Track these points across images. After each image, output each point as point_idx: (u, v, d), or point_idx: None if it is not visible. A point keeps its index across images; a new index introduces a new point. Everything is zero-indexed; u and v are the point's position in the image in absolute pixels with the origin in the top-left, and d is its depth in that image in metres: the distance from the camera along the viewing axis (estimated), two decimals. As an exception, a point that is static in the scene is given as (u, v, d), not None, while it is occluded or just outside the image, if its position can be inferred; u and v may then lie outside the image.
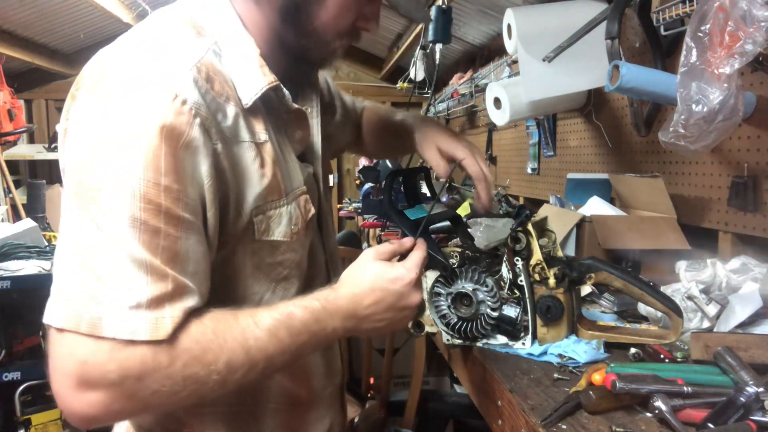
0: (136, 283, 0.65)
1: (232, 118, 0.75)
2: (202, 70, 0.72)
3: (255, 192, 0.77)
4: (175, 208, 0.67)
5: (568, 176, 1.99)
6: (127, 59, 0.72)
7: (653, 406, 0.74)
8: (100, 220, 0.65)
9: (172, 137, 0.67)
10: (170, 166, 0.66)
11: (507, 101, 1.97)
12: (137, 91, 0.68)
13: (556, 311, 1.01)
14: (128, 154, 0.65)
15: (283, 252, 0.83)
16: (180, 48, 0.73)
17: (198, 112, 0.69)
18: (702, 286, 1.08)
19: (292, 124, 0.86)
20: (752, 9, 0.91)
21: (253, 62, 0.77)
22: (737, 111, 0.99)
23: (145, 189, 0.65)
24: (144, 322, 0.64)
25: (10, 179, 3.99)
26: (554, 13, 1.84)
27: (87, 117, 0.69)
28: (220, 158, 0.72)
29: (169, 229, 0.67)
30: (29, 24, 3.94)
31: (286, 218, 0.81)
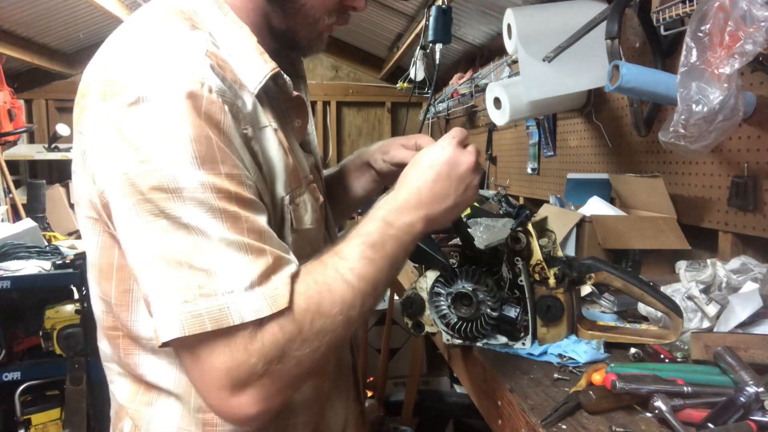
0: (242, 265, 0.64)
1: (251, 104, 0.74)
2: (213, 58, 0.70)
3: (284, 179, 0.77)
4: (243, 192, 0.67)
5: (568, 176, 1.99)
6: (137, 58, 0.68)
7: (653, 406, 0.74)
8: (183, 219, 0.63)
9: (214, 124, 0.65)
10: (223, 153, 0.65)
11: (507, 101, 1.97)
12: (164, 87, 0.65)
13: (556, 311, 1.01)
14: (180, 156, 0.63)
15: (310, 242, 0.82)
16: (184, 40, 0.70)
17: (224, 99, 0.68)
18: (702, 286, 1.08)
19: (292, 113, 0.84)
20: (752, 9, 0.91)
21: (252, 50, 0.75)
22: (737, 111, 0.99)
23: (212, 180, 0.64)
24: (262, 298, 0.64)
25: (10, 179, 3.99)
26: (554, 13, 1.84)
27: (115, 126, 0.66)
28: (251, 143, 0.72)
29: (247, 212, 0.66)
30: (29, 24, 3.94)
31: (309, 204, 0.81)
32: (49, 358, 2.36)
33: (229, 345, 0.63)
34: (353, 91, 5.17)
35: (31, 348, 2.49)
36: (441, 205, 0.79)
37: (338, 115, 5.21)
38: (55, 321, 2.35)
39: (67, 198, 4.40)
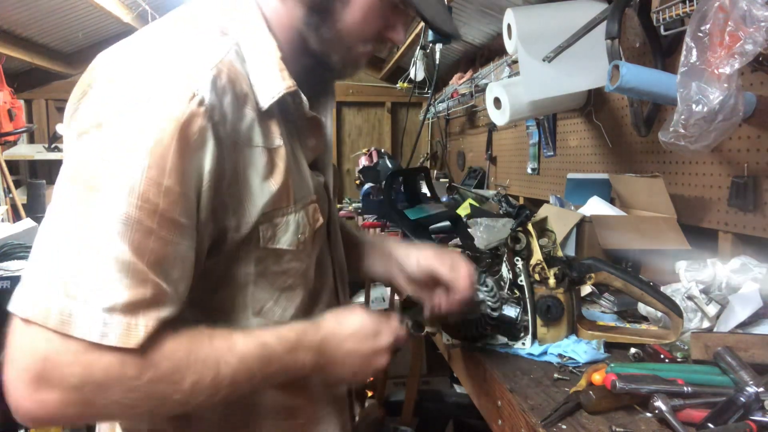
0: (115, 285, 0.62)
1: (249, 121, 0.73)
2: (223, 71, 0.70)
3: (262, 199, 0.75)
4: (172, 210, 0.65)
5: (568, 176, 1.99)
6: (149, 53, 0.70)
7: (653, 406, 0.74)
8: (92, 212, 0.62)
9: (184, 137, 0.65)
10: (176, 166, 0.64)
11: (507, 101, 1.97)
12: (155, 85, 0.66)
13: (556, 311, 1.01)
14: (134, 149, 0.63)
15: (288, 261, 0.81)
16: (202, 46, 0.71)
17: (212, 115, 0.67)
18: (702, 286, 1.08)
19: (306, 131, 0.84)
20: (752, 9, 0.91)
21: (273, 65, 0.76)
22: (737, 111, 0.99)
23: (145, 187, 0.63)
24: (116, 326, 0.61)
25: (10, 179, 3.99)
26: (554, 13, 1.84)
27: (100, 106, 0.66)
28: (225, 162, 0.70)
29: (162, 232, 0.64)
30: (29, 24, 3.94)
31: (293, 226, 0.80)
32: (49, 358, 2.36)
33: (64, 342, 0.61)
34: (353, 91, 5.17)
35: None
36: (339, 369, 0.81)
37: (338, 115, 5.21)
38: (55, 321, 2.35)
39: (67, 198, 4.39)
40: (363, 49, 0.82)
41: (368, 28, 0.80)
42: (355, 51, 0.82)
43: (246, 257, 0.77)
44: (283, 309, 0.82)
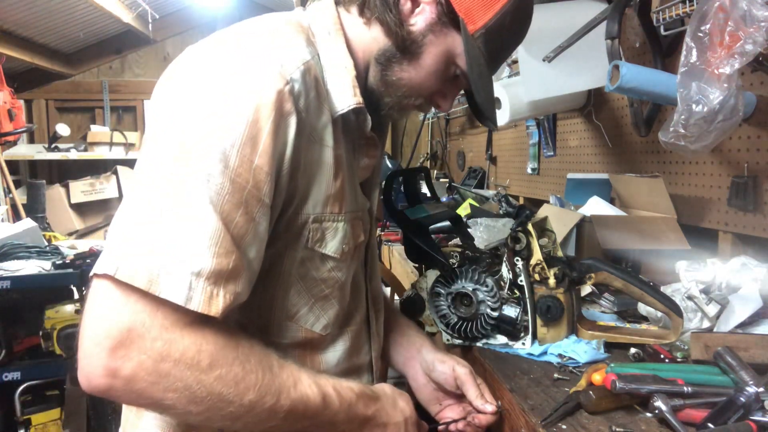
0: (203, 251, 0.63)
1: (324, 121, 0.77)
2: (310, 69, 0.73)
3: (321, 197, 0.78)
4: (259, 189, 0.68)
5: (568, 176, 1.99)
6: (248, 35, 0.73)
7: (653, 406, 0.74)
8: (184, 176, 0.64)
9: (277, 120, 0.68)
10: (267, 146, 0.67)
11: (507, 101, 1.97)
12: (253, 64, 0.69)
13: (556, 311, 1.01)
14: (232, 124, 0.65)
15: (330, 269, 0.83)
16: (293, 45, 0.74)
17: (298, 105, 0.71)
18: (702, 286, 1.08)
19: (362, 150, 0.87)
20: (752, 9, 0.91)
21: (347, 81, 0.79)
22: (737, 111, 0.99)
23: (239, 161, 0.65)
24: (200, 292, 0.62)
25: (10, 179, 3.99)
26: (554, 13, 1.84)
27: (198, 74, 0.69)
28: (302, 153, 0.73)
29: (249, 208, 0.67)
30: (29, 24, 3.94)
31: (341, 234, 0.82)
32: (49, 358, 2.36)
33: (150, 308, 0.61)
34: (353, 91, 5.16)
35: (31, 348, 2.49)
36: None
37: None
38: (55, 321, 2.35)
39: (66, 198, 4.40)
40: (413, 102, 0.86)
41: (426, 87, 0.84)
42: (406, 102, 0.85)
43: (291, 256, 0.79)
44: (316, 318, 0.83)
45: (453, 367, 0.94)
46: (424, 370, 0.98)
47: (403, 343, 1.04)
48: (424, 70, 0.82)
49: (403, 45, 0.81)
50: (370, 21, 0.82)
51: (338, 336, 0.88)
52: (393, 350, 1.05)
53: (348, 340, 0.89)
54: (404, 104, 0.86)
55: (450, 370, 0.94)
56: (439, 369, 0.95)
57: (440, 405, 0.98)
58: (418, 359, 0.99)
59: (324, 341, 0.86)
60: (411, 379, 1.01)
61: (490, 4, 0.79)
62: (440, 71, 0.83)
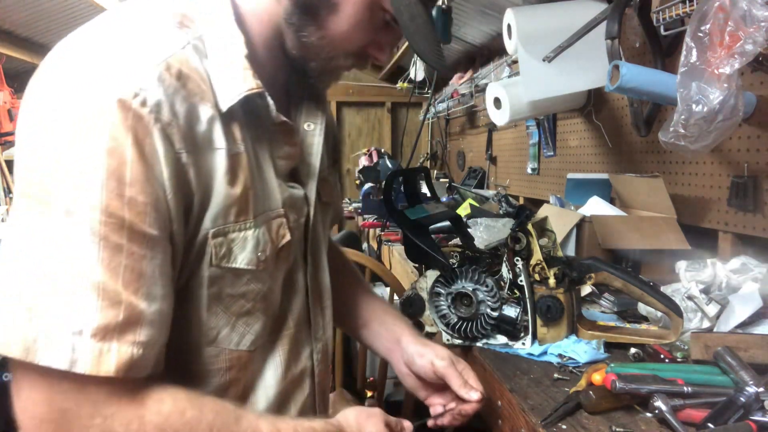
0: (85, 306, 0.56)
1: (206, 122, 0.66)
2: (173, 67, 0.63)
3: (218, 209, 0.67)
4: (140, 222, 0.59)
5: (568, 176, 1.99)
6: (94, 48, 0.63)
7: (653, 406, 0.74)
8: (58, 229, 0.57)
9: (137, 142, 0.59)
10: (136, 175, 0.59)
11: (507, 101, 1.97)
12: (99, 84, 0.59)
13: (556, 311, 1.01)
14: (87, 158, 0.57)
15: (246, 282, 0.73)
16: (152, 40, 0.64)
17: (158, 116, 0.61)
18: (702, 286, 1.08)
19: (278, 138, 0.76)
20: (752, 9, 0.91)
21: (238, 63, 0.68)
22: (737, 111, 0.99)
23: (107, 201, 0.57)
24: (87, 352, 0.55)
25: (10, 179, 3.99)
26: (554, 13, 1.84)
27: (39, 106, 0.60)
28: (184, 168, 0.63)
29: (133, 247, 0.59)
30: (29, 24, 3.94)
31: (252, 243, 0.71)
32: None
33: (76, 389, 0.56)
34: (353, 91, 5.17)
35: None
36: None
37: (338, 115, 5.21)
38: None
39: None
40: (343, 62, 0.77)
41: (353, 42, 0.75)
42: (335, 63, 0.76)
43: (198, 277, 0.69)
44: (241, 336, 0.74)
45: (432, 361, 0.91)
46: (405, 363, 0.96)
47: (382, 332, 1.01)
48: (345, 22, 0.72)
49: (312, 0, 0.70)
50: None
51: (271, 348, 0.80)
52: (374, 340, 1.02)
53: (284, 347, 0.81)
54: (333, 66, 0.76)
55: (429, 364, 0.91)
56: (419, 363, 0.93)
57: (426, 391, 0.96)
58: (398, 351, 0.97)
59: (254, 358, 0.77)
60: (395, 367, 1.00)
61: None
62: (366, 20, 0.73)
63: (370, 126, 5.34)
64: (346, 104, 5.25)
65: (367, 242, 3.15)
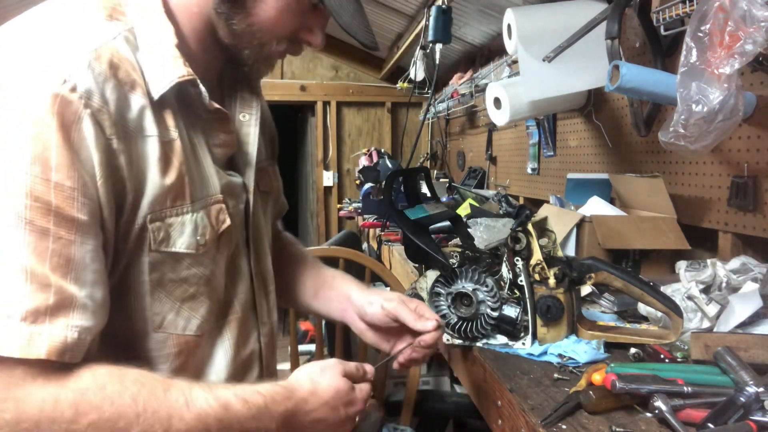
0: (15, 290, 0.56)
1: (138, 110, 0.67)
2: (103, 56, 0.64)
3: (154, 194, 0.69)
4: (68, 207, 0.60)
5: (568, 176, 1.99)
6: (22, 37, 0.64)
7: (653, 406, 0.74)
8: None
9: (63, 127, 0.59)
10: (62, 159, 0.59)
11: (507, 101, 1.97)
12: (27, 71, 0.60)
13: (556, 311, 1.01)
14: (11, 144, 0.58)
15: (188, 266, 0.74)
16: (81, 31, 0.65)
17: (89, 102, 0.62)
18: (702, 286, 1.08)
19: (213, 126, 0.78)
20: (752, 9, 0.91)
21: (167, 53, 0.70)
22: (737, 111, 0.99)
23: (32, 185, 0.58)
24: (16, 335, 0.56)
25: None
26: (554, 13, 1.84)
27: None
28: (115, 154, 0.64)
29: (60, 231, 0.59)
30: (29, 24, 3.94)
31: (190, 227, 0.73)
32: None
33: None
34: (353, 91, 5.17)
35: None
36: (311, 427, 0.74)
37: (338, 115, 5.21)
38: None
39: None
40: (276, 47, 0.78)
41: (282, 26, 0.76)
42: (268, 49, 0.77)
43: (138, 263, 0.71)
44: (187, 320, 0.76)
45: (381, 305, 0.91)
46: (359, 317, 0.96)
47: (332, 297, 1.01)
48: (272, 7, 0.73)
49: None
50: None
51: (218, 332, 0.81)
52: (328, 306, 1.02)
53: (233, 331, 0.82)
54: (267, 53, 0.78)
55: (379, 309, 0.92)
56: (370, 311, 0.93)
57: (388, 342, 0.96)
58: (351, 308, 0.97)
59: (202, 343, 0.78)
60: (352, 326, 0.99)
61: None
62: (292, 4, 0.74)
63: (370, 126, 5.34)
64: (346, 104, 5.25)
65: (367, 242, 3.15)
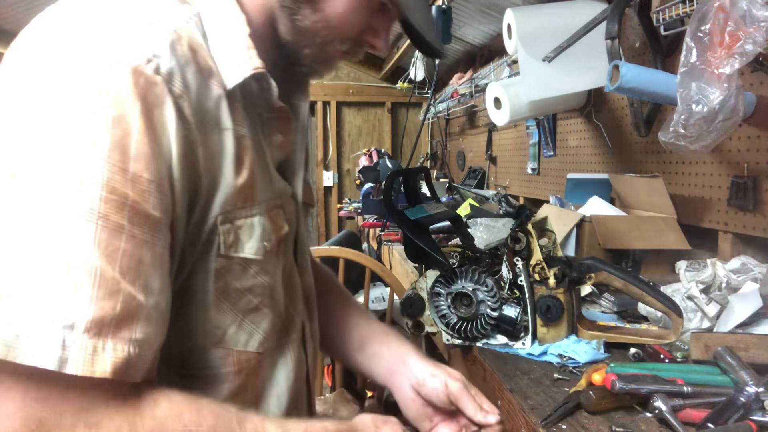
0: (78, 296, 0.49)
1: (215, 99, 0.62)
2: (183, 38, 0.59)
3: (226, 193, 0.63)
4: (143, 202, 0.53)
5: (568, 176, 1.99)
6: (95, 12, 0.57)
7: (653, 406, 0.74)
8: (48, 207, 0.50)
9: (146, 111, 0.53)
10: (142, 148, 0.53)
11: (507, 101, 1.97)
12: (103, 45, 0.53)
13: (556, 311, 1.01)
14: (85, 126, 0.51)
15: (254, 274, 0.68)
16: (158, 7, 0.60)
17: (172, 86, 0.56)
18: (702, 286, 1.08)
19: (272, 125, 0.72)
20: (752, 9, 0.91)
21: (241, 42, 0.64)
22: (737, 111, 0.99)
23: (110, 175, 0.51)
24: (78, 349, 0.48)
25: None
26: (554, 13, 1.84)
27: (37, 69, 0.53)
28: (193, 146, 0.59)
29: (134, 230, 0.52)
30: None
31: (258, 230, 0.67)
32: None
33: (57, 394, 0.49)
34: (353, 91, 5.17)
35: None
36: None
37: (338, 115, 5.21)
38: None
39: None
40: (339, 47, 0.73)
41: (349, 26, 0.71)
42: (330, 48, 0.72)
43: (204, 269, 0.64)
44: (249, 335, 0.70)
45: (445, 382, 0.83)
46: (412, 385, 0.86)
47: (383, 354, 0.91)
48: (341, 5, 0.68)
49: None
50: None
51: (280, 351, 0.76)
52: (373, 363, 0.92)
53: (294, 351, 0.77)
54: (328, 53, 0.72)
55: (442, 386, 0.83)
56: (431, 385, 0.83)
57: (431, 422, 0.86)
58: (405, 373, 0.87)
59: (264, 361, 0.73)
60: (396, 393, 0.89)
61: None
62: (362, 3, 0.69)
63: (370, 126, 5.34)
64: (346, 104, 5.25)
65: (367, 242, 3.14)
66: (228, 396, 0.68)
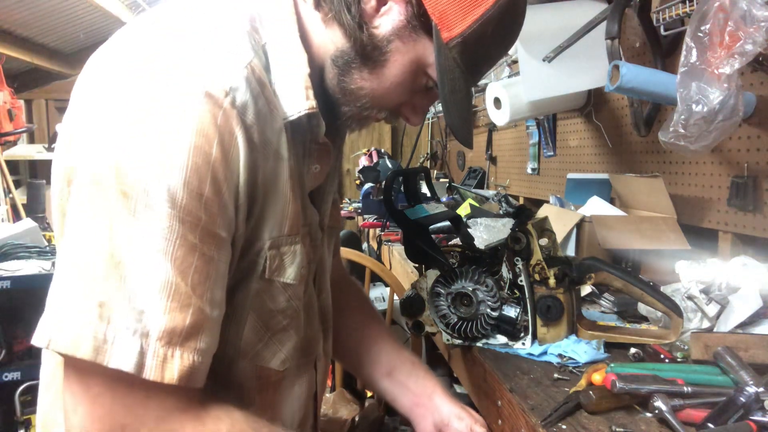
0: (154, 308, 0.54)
1: (277, 131, 0.66)
2: (256, 71, 0.63)
3: (276, 220, 0.67)
4: (213, 224, 0.58)
5: (568, 176, 1.99)
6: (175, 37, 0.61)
7: (653, 406, 0.74)
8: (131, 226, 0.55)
9: (221, 140, 0.58)
10: (216, 174, 0.58)
11: (507, 101, 1.97)
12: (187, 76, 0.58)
13: (556, 311, 1.01)
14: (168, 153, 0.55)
15: (288, 298, 0.72)
16: (234, 41, 0.63)
17: (244, 118, 0.60)
18: (702, 286, 1.08)
19: (313, 156, 0.75)
20: (752, 9, 0.91)
21: (300, 80, 0.67)
22: (737, 111, 0.99)
23: (188, 198, 0.56)
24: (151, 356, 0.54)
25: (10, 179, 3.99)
26: (554, 13, 1.84)
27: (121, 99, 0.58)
28: (256, 173, 0.63)
29: (204, 248, 0.57)
30: (29, 24, 3.94)
31: (300, 257, 0.71)
32: (49, 358, 2.36)
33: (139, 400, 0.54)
34: (353, 91, 5.17)
35: (31, 348, 2.48)
36: None
37: (338, 115, 5.21)
38: (55, 321, 2.34)
39: (67, 198, 4.39)
40: (376, 114, 0.75)
41: (390, 99, 0.73)
42: (368, 113, 0.75)
43: (245, 289, 0.68)
44: (273, 353, 0.73)
45: (471, 427, 0.86)
46: (434, 423, 0.89)
47: (410, 386, 0.93)
48: (388, 80, 0.70)
49: (363, 50, 0.68)
50: (327, 17, 0.69)
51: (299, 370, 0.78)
52: (398, 391, 0.94)
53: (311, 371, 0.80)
54: (365, 116, 0.75)
55: (467, 430, 0.86)
56: (455, 427, 0.87)
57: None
58: (430, 408, 0.90)
59: (284, 380, 0.76)
60: (417, 426, 0.92)
61: (469, 9, 0.67)
62: (407, 82, 0.72)
63: (370, 126, 5.34)
64: (346, 104, 5.25)
65: (367, 242, 3.14)
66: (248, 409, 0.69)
